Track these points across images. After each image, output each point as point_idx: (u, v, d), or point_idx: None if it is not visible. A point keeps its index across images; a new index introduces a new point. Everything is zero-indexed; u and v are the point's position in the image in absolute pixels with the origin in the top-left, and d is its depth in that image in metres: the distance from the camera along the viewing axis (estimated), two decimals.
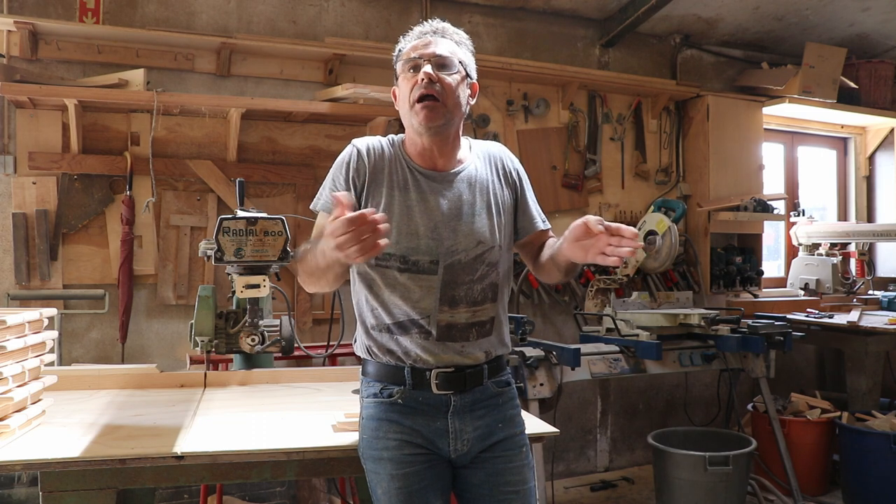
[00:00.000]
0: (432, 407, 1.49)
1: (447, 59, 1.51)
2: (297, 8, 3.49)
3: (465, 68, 1.54)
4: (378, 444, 1.47)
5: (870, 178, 5.12)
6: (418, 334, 1.49)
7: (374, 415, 1.50)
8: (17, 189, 2.96)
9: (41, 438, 1.56)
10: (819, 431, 3.74)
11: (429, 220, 1.50)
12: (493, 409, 1.54)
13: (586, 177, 4.09)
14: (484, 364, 1.53)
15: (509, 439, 1.53)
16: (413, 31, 1.58)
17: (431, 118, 1.47)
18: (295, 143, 3.39)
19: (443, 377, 1.48)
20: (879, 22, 4.33)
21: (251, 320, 2.20)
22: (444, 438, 1.49)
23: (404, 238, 1.49)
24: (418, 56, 1.51)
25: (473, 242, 1.52)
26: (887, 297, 4.50)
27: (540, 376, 2.94)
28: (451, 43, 1.56)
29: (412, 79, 1.49)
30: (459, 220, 1.52)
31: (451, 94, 1.49)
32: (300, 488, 3.19)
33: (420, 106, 1.47)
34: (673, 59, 4.42)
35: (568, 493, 3.81)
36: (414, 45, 1.54)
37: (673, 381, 4.32)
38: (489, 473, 1.51)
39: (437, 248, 1.49)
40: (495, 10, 3.92)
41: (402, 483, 1.44)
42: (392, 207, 1.50)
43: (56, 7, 3.06)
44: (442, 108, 1.48)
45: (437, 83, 1.47)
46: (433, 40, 1.53)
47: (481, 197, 1.56)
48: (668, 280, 4.14)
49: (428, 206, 1.51)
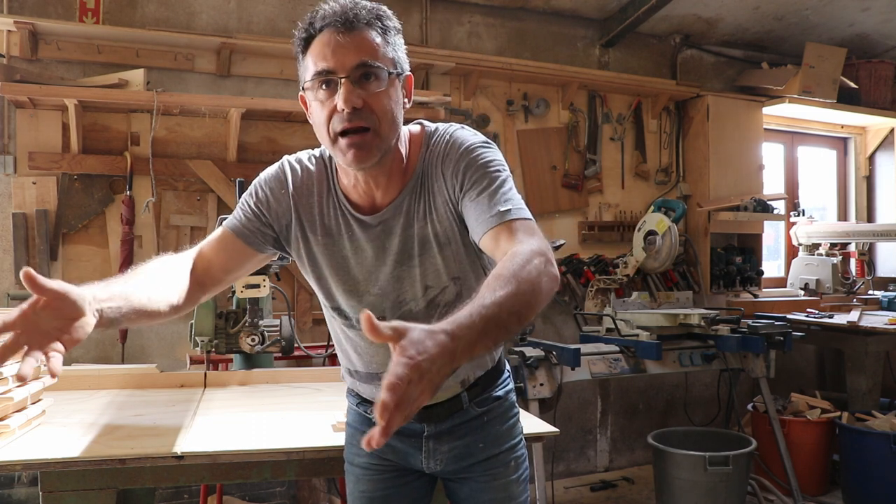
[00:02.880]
0: (407, 429, 1.36)
1: (372, 68, 1.13)
2: (297, 8, 3.49)
3: (396, 66, 1.18)
4: (353, 449, 1.46)
5: (870, 178, 5.12)
6: (381, 386, 1.30)
7: (352, 423, 1.49)
8: (17, 189, 2.96)
9: (41, 438, 1.56)
10: (819, 431, 3.74)
11: (367, 272, 1.27)
12: (474, 431, 1.38)
13: (586, 177, 4.08)
14: (462, 393, 1.36)
15: (492, 458, 1.38)
16: (318, 12, 1.15)
17: (362, 158, 1.15)
18: (295, 143, 3.39)
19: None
20: (879, 22, 4.33)
21: (251, 320, 2.20)
22: (416, 456, 1.39)
23: (343, 296, 1.29)
24: (331, 69, 1.12)
25: (421, 289, 1.27)
26: (887, 297, 4.50)
27: (540, 376, 2.94)
28: (374, 33, 1.15)
29: (327, 101, 1.14)
30: (402, 265, 1.26)
31: (383, 119, 1.15)
32: (300, 488, 3.19)
33: (346, 142, 1.14)
34: (673, 59, 4.42)
35: (568, 493, 3.81)
36: (322, 47, 1.13)
37: (673, 381, 4.32)
38: (473, 490, 1.40)
39: (383, 304, 1.28)
40: (495, 10, 3.92)
41: (366, 487, 1.42)
42: (323, 260, 1.29)
43: (56, 7, 3.06)
44: (374, 139, 1.14)
45: (363, 108, 1.13)
46: (348, 39, 1.13)
47: (421, 231, 1.24)
48: (668, 280, 4.14)
49: (364, 255, 1.27)
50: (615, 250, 4.10)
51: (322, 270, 1.30)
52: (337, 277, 1.29)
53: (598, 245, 4.11)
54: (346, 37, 1.13)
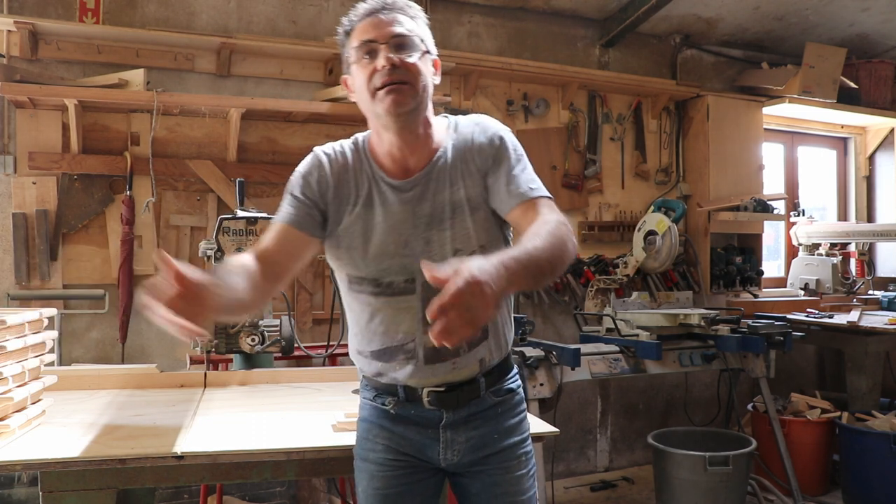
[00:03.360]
0: (424, 419, 1.42)
1: (407, 38, 1.34)
2: (297, 8, 3.49)
3: (425, 44, 1.38)
4: (367, 444, 1.47)
5: (870, 178, 5.12)
6: (404, 360, 1.38)
7: (367, 417, 1.49)
8: (17, 189, 2.96)
9: (41, 438, 1.56)
10: (819, 431, 3.74)
11: (398, 235, 1.36)
12: (489, 420, 1.44)
13: (586, 177, 4.08)
14: (480, 377, 1.42)
15: (506, 450, 1.45)
16: (358, 8, 1.38)
17: (400, 102, 1.31)
18: (295, 143, 3.39)
19: (434, 396, 1.40)
20: (879, 22, 4.33)
21: (251, 320, 2.20)
22: (434, 447, 1.43)
23: (374, 260, 1.37)
24: (373, 39, 1.33)
25: (450, 251, 1.35)
26: (887, 297, 4.50)
27: (540, 376, 2.94)
28: (407, 18, 1.37)
29: (369, 66, 1.33)
30: (431, 230, 1.36)
31: (417, 76, 1.33)
32: (300, 488, 3.19)
33: (384, 92, 1.31)
34: (673, 59, 4.42)
35: (568, 493, 3.81)
36: (364, 26, 1.35)
37: (673, 381, 4.32)
38: (486, 484, 1.44)
39: (412, 265, 1.34)
40: (495, 10, 3.92)
41: (381, 484, 1.43)
42: (356, 227, 1.38)
43: (56, 7, 3.06)
44: (410, 89, 1.32)
45: (401, 67, 1.31)
46: (386, 18, 1.34)
47: (453, 196, 1.37)
48: (668, 280, 4.14)
49: (395, 220, 1.37)
50: (615, 250, 4.10)
51: (356, 239, 1.38)
52: (371, 243, 1.37)
53: (598, 245, 4.11)
54: (383, 16, 1.34)
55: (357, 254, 1.38)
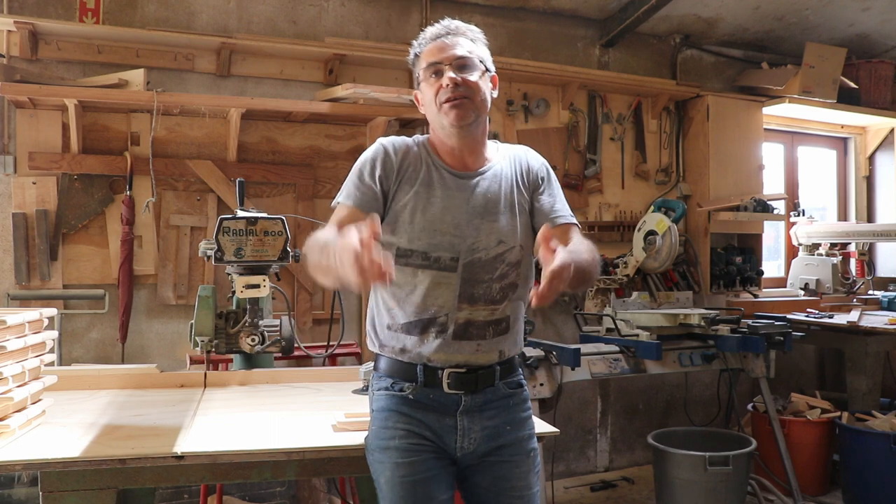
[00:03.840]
0: (442, 404, 1.51)
1: (468, 59, 1.54)
2: (297, 8, 3.49)
3: (484, 64, 1.57)
4: (386, 433, 1.48)
5: (870, 178, 5.12)
6: (435, 332, 1.50)
7: (385, 406, 1.51)
8: (17, 189, 2.96)
9: (41, 438, 1.56)
10: (819, 431, 3.74)
11: (452, 217, 1.52)
12: (503, 411, 1.55)
13: (586, 177, 4.09)
14: (496, 365, 1.55)
15: (517, 444, 1.55)
16: (426, 33, 1.59)
17: (462, 116, 1.50)
18: (295, 143, 3.39)
19: (454, 377, 1.50)
20: (879, 22, 4.33)
21: (251, 320, 2.20)
22: (451, 435, 1.50)
23: (427, 234, 1.50)
24: (439, 61, 1.53)
25: (495, 241, 1.53)
26: (887, 297, 4.50)
27: (540, 376, 2.94)
28: (467, 41, 1.57)
29: (436, 84, 1.53)
30: (483, 219, 1.53)
31: (477, 92, 1.53)
32: (300, 488, 3.19)
33: (448, 105, 1.50)
34: (673, 59, 4.42)
35: (568, 493, 3.81)
36: (431, 49, 1.56)
37: (673, 381, 4.32)
38: (495, 477, 1.53)
39: (459, 245, 1.51)
40: (495, 10, 3.92)
41: (407, 471, 1.44)
42: (417, 204, 1.52)
43: (56, 7, 3.06)
44: (470, 104, 1.51)
45: (462, 85, 1.51)
46: (450, 42, 1.55)
47: (505, 196, 1.57)
48: (668, 280, 4.14)
49: (453, 202, 1.53)
50: (615, 250, 4.10)
51: (415, 214, 1.51)
52: (426, 218, 1.51)
53: (597, 245, 4.00)
54: (447, 40, 1.55)
55: (415, 227, 1.51)
